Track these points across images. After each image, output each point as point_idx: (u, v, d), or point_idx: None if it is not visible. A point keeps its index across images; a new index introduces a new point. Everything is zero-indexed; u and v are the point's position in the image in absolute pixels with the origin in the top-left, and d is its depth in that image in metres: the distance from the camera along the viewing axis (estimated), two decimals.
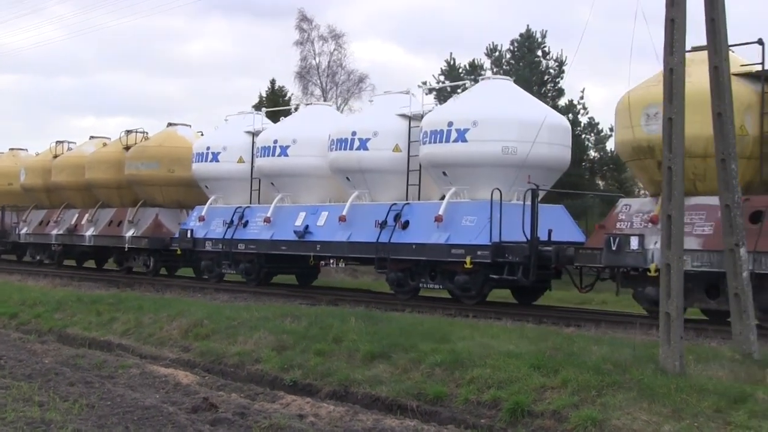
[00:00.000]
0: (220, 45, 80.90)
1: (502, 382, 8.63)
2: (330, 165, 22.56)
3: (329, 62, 45.89)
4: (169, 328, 13.61)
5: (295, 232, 22.83)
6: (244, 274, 24.70)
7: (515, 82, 23.01)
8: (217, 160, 27.73)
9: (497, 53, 44.10)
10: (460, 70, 43.25)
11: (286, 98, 45.98)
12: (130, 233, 29.00)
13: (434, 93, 35.11)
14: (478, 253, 18.37)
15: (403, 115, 21.96)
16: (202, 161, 27.62)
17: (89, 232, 31.03)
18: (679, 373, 8.04)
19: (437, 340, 10.48)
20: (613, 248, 16.43)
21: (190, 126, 31.63)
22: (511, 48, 43.65)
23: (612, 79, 67.22)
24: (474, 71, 43.73)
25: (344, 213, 21.77)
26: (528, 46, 42.73)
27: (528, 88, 22.01)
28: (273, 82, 46.65)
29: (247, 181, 26.56)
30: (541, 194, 19.45)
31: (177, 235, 26.94)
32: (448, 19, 67.69)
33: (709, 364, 9.70)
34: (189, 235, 26.53)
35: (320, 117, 25.50)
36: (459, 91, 24.46)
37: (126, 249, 29.07)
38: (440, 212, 19.46)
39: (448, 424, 9.02)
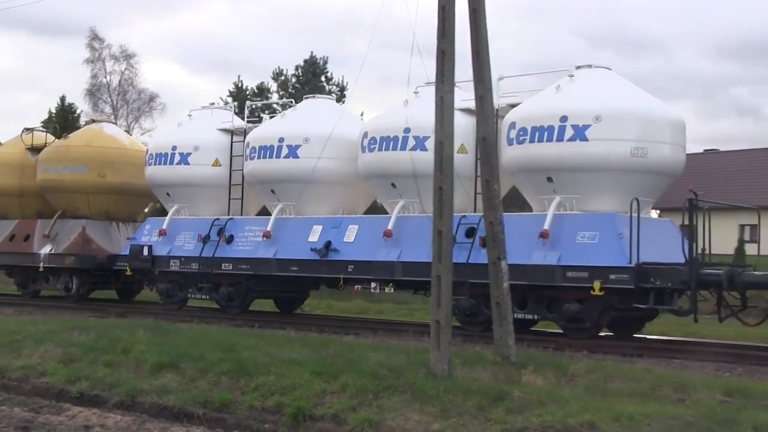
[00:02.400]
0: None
1: (285, 389, 11.05)
2: (365, 168, 19.80)
3: (120, 81, 44.86)
4: None
5: (312, 249, 19.42)
6: (225, 300, 21.56)
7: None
8: (187, 163, 22.93)
9: (283, 77, 44.43)
10: (248, 93, 43.20)
11: (76, 114, 44.08)
12: (46, 250, 25.06)
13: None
14: (612, 277, 15.76)
15: (468, 110, 18.57)
16: (164, 164, 23.35)
17: None
18: (447, 375, 9.37)
19: (224, 350, 13.10)
20: None
21: (115, 123, 29.02)
22: (296, 73, 44.32)
23: (385, 104, 68.77)
24: (261, 94, 43.92)
25: (390, 227, 18.78)
26: (312, 71, 43.42)
27: None
28: (63, 98, 45.20)
29: (222, 188, 22.71)
30: (652, 205, 17.90)
31: (125, 252, 23.36)
32: (230, 43, 67.73)
33: (473, 366, 11.79)
34: (146, 252, 22.47)
35: (331, 112, 21.81)
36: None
37: (41, 269, 25.20)
38: (546, 226, 16.70)
39: (234, 430, 10.81)
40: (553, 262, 16.39)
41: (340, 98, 47.99)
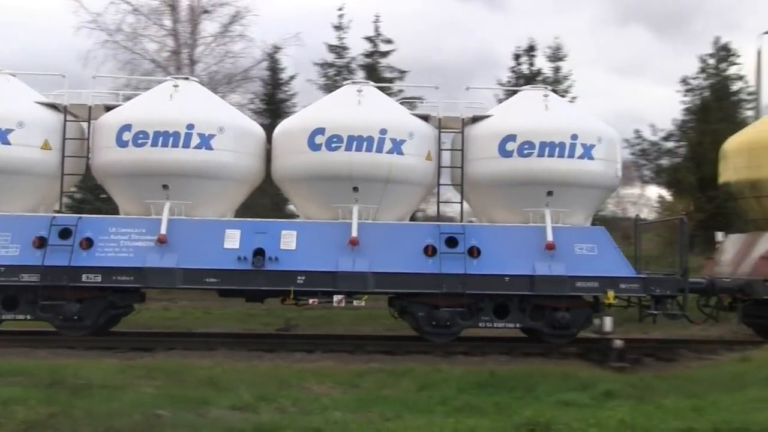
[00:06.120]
0: None
1: None
2: (319, 168, 17.09)
3: None
4: None
5: (240, 258, 17.00)
6: (69, 321, 17.32)
7: None
8: (7, 142, 16.98)
9: None
10: None
11: None
12: None
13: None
14: (622, 286, 17.81)
15: (425, 116, 18.33)
16: None
17: None
18: None
19: None
20: None
21: None
22: None
23: None
24: None
25: (355, 234, 17.59)
26: None
27: None
28: None
29: (51, 178, 18.22)
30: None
31: None
32: None
33: None
34: None
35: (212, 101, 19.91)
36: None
37: None
38: (550, 238, 17.84)
39: None
40: (560, 273, 17.54)
41: None
